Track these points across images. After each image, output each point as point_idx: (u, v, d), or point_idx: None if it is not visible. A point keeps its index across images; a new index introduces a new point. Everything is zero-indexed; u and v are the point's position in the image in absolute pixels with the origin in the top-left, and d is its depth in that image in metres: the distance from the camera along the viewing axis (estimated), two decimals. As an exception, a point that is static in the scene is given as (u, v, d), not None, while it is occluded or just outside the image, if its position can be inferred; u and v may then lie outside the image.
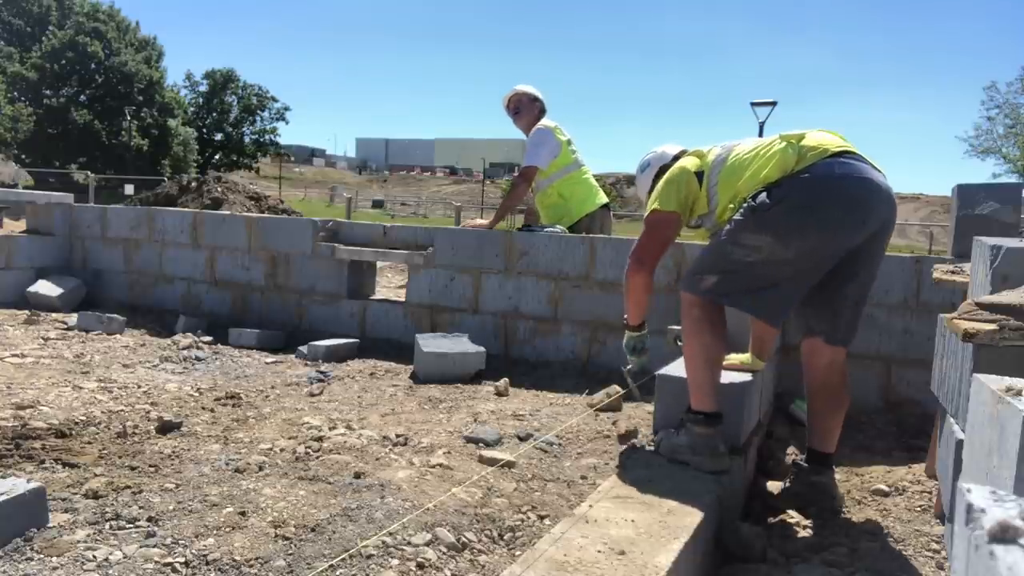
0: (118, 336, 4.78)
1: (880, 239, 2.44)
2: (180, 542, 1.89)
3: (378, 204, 50.80)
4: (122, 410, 3.10)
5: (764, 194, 2.32)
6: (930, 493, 2.67)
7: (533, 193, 5.12)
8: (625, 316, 2.85)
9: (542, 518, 2.23)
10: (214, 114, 57.31)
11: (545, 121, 4.92)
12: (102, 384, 3.51)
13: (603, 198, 5.04)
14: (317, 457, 2.60)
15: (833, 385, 2.58)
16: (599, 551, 1.76)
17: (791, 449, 3.08)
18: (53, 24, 44.30)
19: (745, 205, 2.36)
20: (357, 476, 2.40)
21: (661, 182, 2.66)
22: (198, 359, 4.23)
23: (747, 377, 2.76)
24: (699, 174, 2.56)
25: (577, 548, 1.77)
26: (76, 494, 2.18)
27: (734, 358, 2.86)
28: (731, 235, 2.37)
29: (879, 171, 2.40)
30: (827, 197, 2.30)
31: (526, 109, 5.00)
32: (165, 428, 2.86)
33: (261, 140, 59.32)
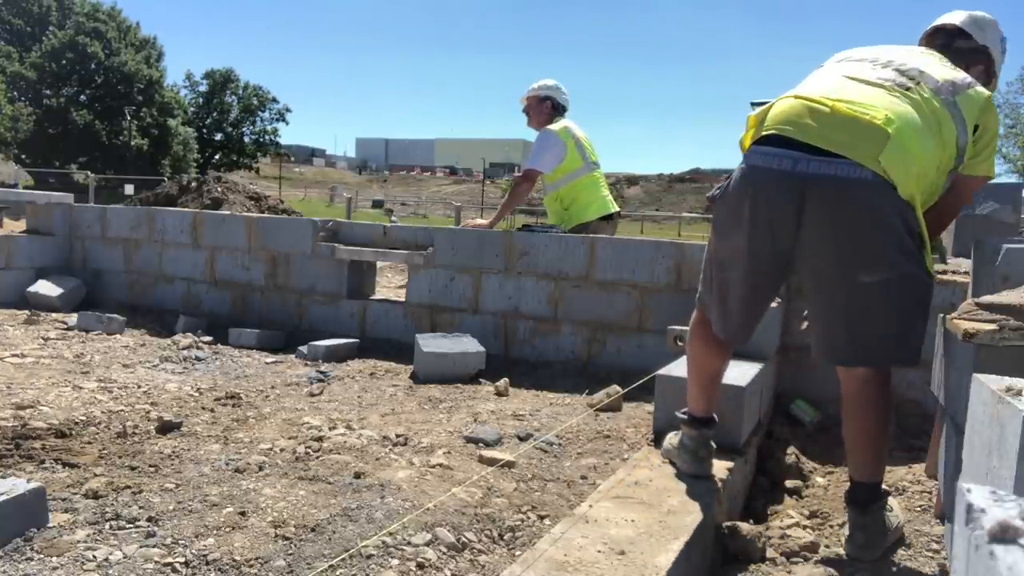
0: (118, 336, 4.77)
1: (814, 240, 2.03)
2: (180, 542, 1.89)
3: (378, 204, 50.78)
4: (122, 410, 3.10)
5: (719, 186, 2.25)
6: (930, 493, 2.67)
7: (541, 195, 5.12)
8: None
9: (542, 518, 2.23)
10: (214, 114, 57.33)
11: (557, 123, 4.88)
12: (102, 384, 3.51)
13: (605, 208, 4.91)
14: (317, 457, 2.60)
15: (845, 399, 2.21)
16: (599, 551, 1.76)
17: (791, 449, 3.08)
18: (53, 24, 44.32)
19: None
20: (357, 476, 2.40)
21: None
22: (198, 359, 4.23)
23: (747, 377, 2.76)
24: None
25: (577, 548, 1.77)
26: (76, 494, 2.17)
27: None
28: None
29: (819, 153, 1.98)
30: (737, 191, 2.13)
31: (535, 111, 5.01)
32: (165, 428, 2.86)
33: (261, 140, 59.35)
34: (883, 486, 2.24)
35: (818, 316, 2.17)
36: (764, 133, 2.11)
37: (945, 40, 2.36)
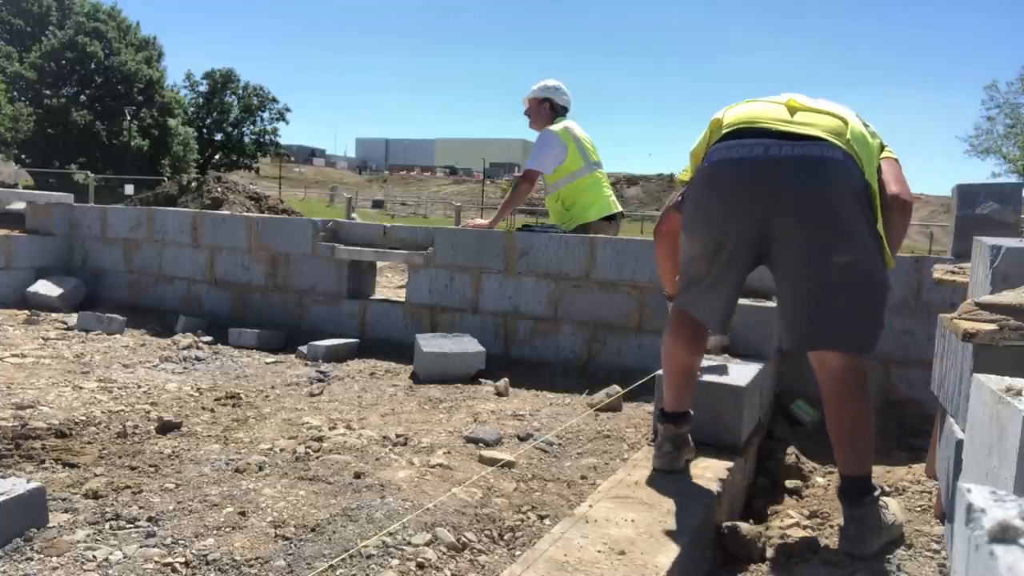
0: (118, 336, 4.77)
1: (791, 221, 2.06)
2: (180, 542, 1.89)
3: (378, 204, 50.80)
4: (122, 410, 3.10)
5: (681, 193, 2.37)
6: (930, 493, 2.67)
7: (543, 195, 5.12)
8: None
9: (542, 518, 2.23)
10: (214, 114, 57.27)
11: (558, 124, 4.87)
12: (102, 384, 3.51)
13: (607, 209, 4.88)
14: (317, 457, 2.60)
15: (825, 395, 2.23)
16: (599, 551, 1.76)
17: (791, 449, 3.08)
18: (53, 24, 44.27)
19: None
20: (357, 476, 2.40)
21: None
22: (198, 359, 4.23)
23: (747, 377, 2.76)
24: None
25: (577, 548, 1.77)
26: (76, 494, 2.18)
27: None
28: None
29: (790, 138, 2.06)
30: (704, 188, 2.22)
31: (535, 113, 5.00)
32: (165, 428, 2.86)
33: (261, 140, 59.28)
34: (875, 481, 2.25)
35: (784, 306, 2.21)
36: (726, 132, 2.19)
37: None
